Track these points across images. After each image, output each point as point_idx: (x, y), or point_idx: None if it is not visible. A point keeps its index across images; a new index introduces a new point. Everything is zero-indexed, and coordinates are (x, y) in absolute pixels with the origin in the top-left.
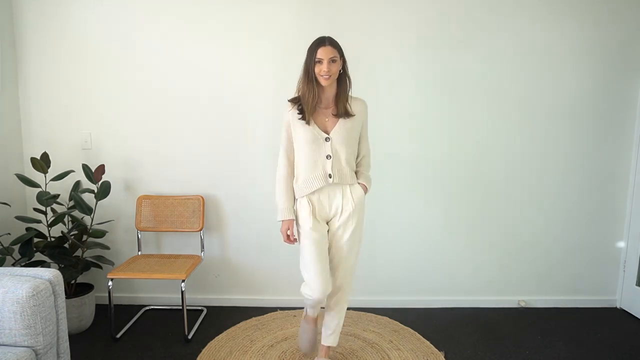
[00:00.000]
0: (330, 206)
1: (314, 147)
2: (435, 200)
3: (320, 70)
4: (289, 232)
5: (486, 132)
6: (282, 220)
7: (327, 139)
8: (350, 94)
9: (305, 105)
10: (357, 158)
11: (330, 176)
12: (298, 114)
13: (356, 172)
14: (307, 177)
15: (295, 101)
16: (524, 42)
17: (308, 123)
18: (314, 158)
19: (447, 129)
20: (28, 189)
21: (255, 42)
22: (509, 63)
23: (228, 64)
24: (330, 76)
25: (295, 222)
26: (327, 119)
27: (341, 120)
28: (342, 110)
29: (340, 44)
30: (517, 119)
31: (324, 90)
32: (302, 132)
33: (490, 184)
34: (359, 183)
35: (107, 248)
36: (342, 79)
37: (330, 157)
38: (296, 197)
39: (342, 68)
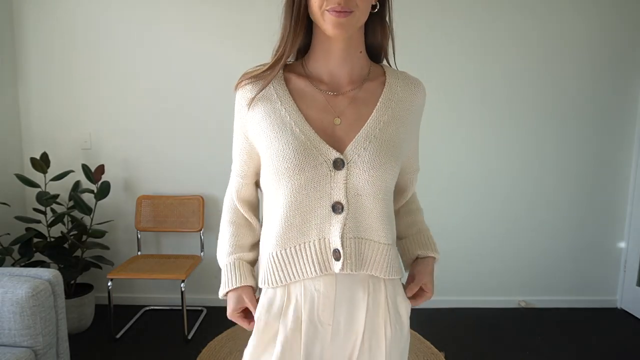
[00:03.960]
0: (332, 328)
1: (304, 178)
2: (434, 200)
3: None
4: (246, 305)
5: (484, 132)
6: (229, 292)
7: (337, 163)
8: (393, 60)
9: (270, 68)
10: (404, 196)
11: (338, 257)
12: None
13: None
14: (278, 247)
15: (255, 77)
16: (523, 41)
17: (288, 117)
18: (303, 206)
19: (444, 128)
20: (28, 189)
21: (258, 43)
22: (507, 63)
23: (229, 64)
24: (349, 13)
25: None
26: (337, 117)
27: (377, 114)
28: (374, 89)
29: None
30: (517, 119)
31: (332, 49)
32: (273, 140)
33: (489, 184)
34: (431, 254)
35: (107, 248)
36: (375, 27)
37: (343, 207)
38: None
39: (379, 2)
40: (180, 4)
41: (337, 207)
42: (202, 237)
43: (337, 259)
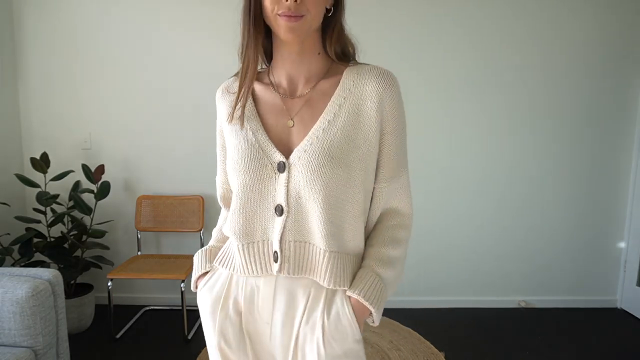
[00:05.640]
0: (271, 327)
1: (249, 178)
2: (433, 200)
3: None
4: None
5: (484, 133)
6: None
7: (280, 165)
8: (356, 56)
9: (241, 79)
10: (370, 212)
11: (277, 259)
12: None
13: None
14: (232, 241)
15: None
16: (522, 41)
17: (242, 124)
18: (248, 207)
19: (441, 125)
20: (28, 189)
21: None
22: (502, 61)
23: (228, 64)
24: (300, 17)
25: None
26: (291, 119)
27: (324, 115)
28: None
29: None
30: (516, 119)
31: (288, 53)
32: (232, 145)
33: (489, 184)
34: (350, 294)
35: (107, 248)
36: (331, 31)
37: (284, 210)
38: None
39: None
40: (181, 4)
41: (278, 209)
42: (202, 237)
43: (276, 260)
